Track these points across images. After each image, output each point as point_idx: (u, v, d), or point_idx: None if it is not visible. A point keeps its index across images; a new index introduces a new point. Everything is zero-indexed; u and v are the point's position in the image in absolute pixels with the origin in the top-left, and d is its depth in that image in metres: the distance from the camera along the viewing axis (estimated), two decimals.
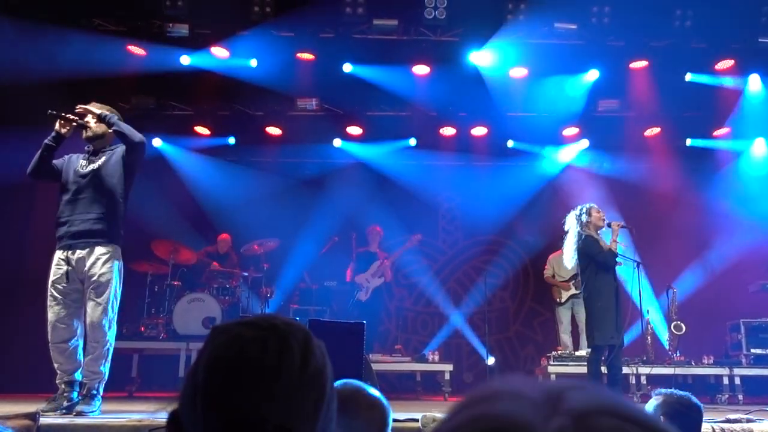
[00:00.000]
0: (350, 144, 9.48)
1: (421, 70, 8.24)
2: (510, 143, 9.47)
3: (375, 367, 5.33)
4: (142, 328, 7.71)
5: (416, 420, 4.17)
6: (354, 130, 9.29)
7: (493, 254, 9.92)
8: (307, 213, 9.14)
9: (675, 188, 9.15)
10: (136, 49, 7.75)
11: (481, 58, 7.94)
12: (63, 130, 4.57)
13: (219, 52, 7.90)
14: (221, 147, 9.34)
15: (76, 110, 4.54)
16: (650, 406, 2.97)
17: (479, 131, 9.34)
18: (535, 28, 7.57)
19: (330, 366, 0.99)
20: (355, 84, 8.31)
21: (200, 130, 9.11)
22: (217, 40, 7.82)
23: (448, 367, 7.70)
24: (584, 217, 5.84)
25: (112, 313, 4.59)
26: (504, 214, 9.47)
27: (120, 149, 4.74)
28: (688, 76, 8.20)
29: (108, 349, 4.58)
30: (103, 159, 4.69)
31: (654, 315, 8.34)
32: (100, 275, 4.50)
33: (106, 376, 4.60)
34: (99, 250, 4.54)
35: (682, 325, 7.64)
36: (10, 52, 6.67)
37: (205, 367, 0.93)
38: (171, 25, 7.56)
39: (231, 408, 0.89)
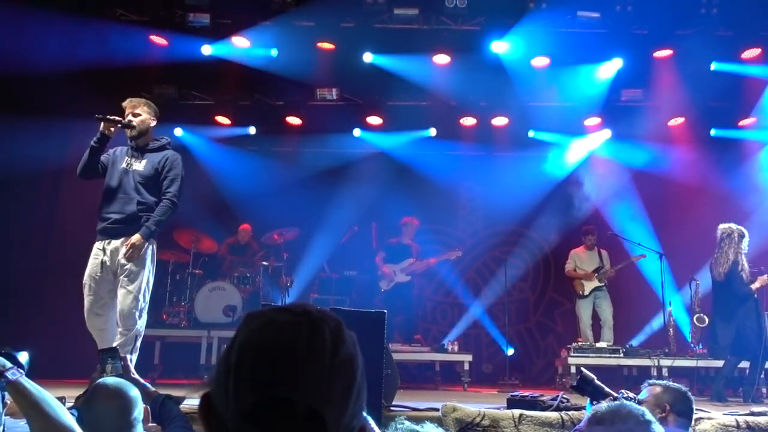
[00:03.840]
0: (370, 134, 9.47)
1: (441, 59, 8.20)
2: (531, 133, 9.39)
3: (395, 356, 5.34)
4: (164, 316, 7.80)
5: (436, 409, 4.19)
6: (374, 119, 9.27)
7: (513, 245, 9.88)
8: (326, 202, 9.15)
9: (699, 179, 9.02)
10: (158, 39, 7.80)
11: (503, 47, 7.87)
12: (107, 132, 4.71)
13: (239, 41, 7.92)
14: (242, 136, 9.37)
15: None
16: (645, 394, 3.04)
17: (500, 121, 9.28)
18: (558, 16, 7.50)
19: (360, 355, 0.99)
20: (375, 73, 8.29)
21: (221, 119, 9.16)
22: (238, 29, 7.84)
23: (468, 358, 7.69)
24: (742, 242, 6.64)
25: (144, 303, 4.74)
26: (524, 205, 9.42)
27: (162, 156, 4.88)
28: (714, 65, 8.07)
29: (136, 336, 4.71)
30: (145, 162, 4.85)
31: (677, 307, 8.26)
32: (136, 266, 4.68)
33: (134, 363, 4.68)
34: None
35: (705, 317, 7.56)
36: (33, 42, 6.74)
37: (238, 350, 0.94)
38: (192, 14, 7.59)
39: (261, 390, 0.90)
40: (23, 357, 2.28)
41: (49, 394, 1.90)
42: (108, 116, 4.70)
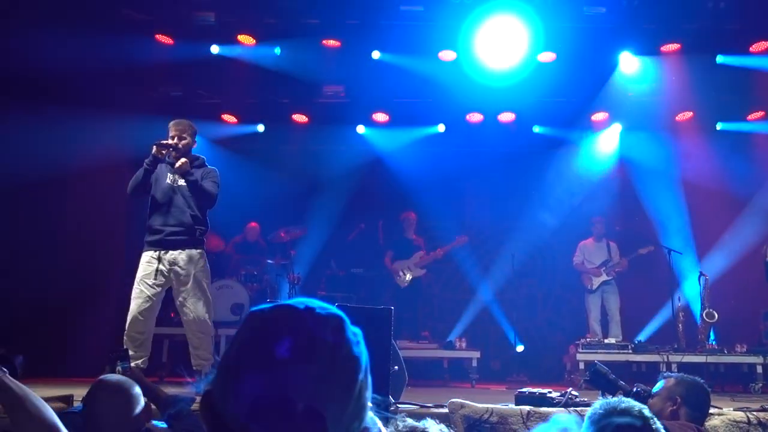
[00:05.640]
0: (377, 130, 9.45)
1: (447, 55, 8.17)
2: (536, 129, 9.36)
3: (402, 353, 5.32)
4: (172, 314, 7.79)
5: (444, 406, 4.18)
6: (380, 116, 9.26)
7: (520, 240, 9.82)
8: (333, 200, 9.15)
9: (704, 173, 8.94)
10: (164, 38, 7.80)
11: (509, 42, 7.83)
12: (159, 155, 5.22)
13: (245, 39, 7.91)
14: (249, 135, 9.36)
15: (178, 165, 5.27)
16: (658, 387, 3.02)
17: (506, 117, 9.25)
18: (564, 11, 7.45)
19: (365, 353, 0.98)
20: (381, 70, 8.27)
21: (227, 118, 9.16)
22: (244, 28, 7.83)
23: (476, 354, 7.69)
24: None
25: (210, 307, 5.28)
26: (531, 201, 9.38)
27: (200, 171, 5.40)
28: (721, 59, 8.00)
29: (212, 336, 5.28)
30: (188, 176, 5.34)
31: (686, 302, 8.22)
32: (194, 275, 5.20)
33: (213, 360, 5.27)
34: (193, 253, 5.25)
35: (715, 313, 7.51)
36: (36, 42, 6.75)
37: (239, 347, 0.94)
38: (198, 13, 7.59)
39: (260, 387, 0.89)
40: (17, 361, 2.28)
41: (33, 393, 1.90)
42: (162, 141, 5.21)
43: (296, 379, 0.89)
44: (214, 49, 7.92)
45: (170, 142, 5.23)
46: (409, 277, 8.38)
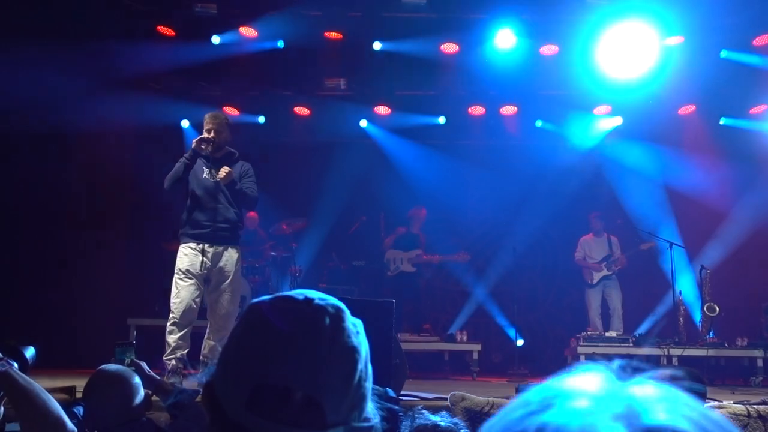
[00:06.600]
0: (378, 123, 9.44)
1: (449, 48, 8.15)
2: (539, 123, 9.35)
3: (403, 346, 5.34)
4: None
5: (445, 399, 4.19)
6: (382, 109, 9.24)
7: (521, 234, 9.82)
8: (334, 192, 9.14)
9: (710, 168, 8.91)
10: (165, 30, 7.78)
11: (511, 35, 7.80)
12: (199, 149, 5.23)
13: (247, 32, 7.90)
14: (250, 127, 9.35)
15: (222, 176, 5.21)
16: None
17: (509, 110, 9.23)
18: (566, 4, 7.43)
19: (365, 343, 0.98)
20: (383, 63, 8.26)
21: (228, 110, 9.14)
22: (246, 19, 7.81)
23: (477, 347, 7.70)
24: None
25: (238, 305, 5.32)
26: (533, 194, 9.37)
27: (238, 167, 5.41)
28: (724, 53, 7.97)
29: None
30: (233, 186, 5.33)
31: (687, 296, 8.22)
32: (234, 272, 5.27)
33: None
34: (233, 250, 5.31)
35: (716, 306, 7.51)
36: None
37: (237, 338, 0.95)
38: (199, 5, 7.57)
39: (259, 377, 0.90)
40: (29, 352, 2.28)
41: (39, 386, 1.91)
42: (203, 137, 5.22)
43: (295, 369, 0.90)
44: (215, 40, 7.91)
45: (207, 136, 5.23)
46: (397, 269, 8.37)
